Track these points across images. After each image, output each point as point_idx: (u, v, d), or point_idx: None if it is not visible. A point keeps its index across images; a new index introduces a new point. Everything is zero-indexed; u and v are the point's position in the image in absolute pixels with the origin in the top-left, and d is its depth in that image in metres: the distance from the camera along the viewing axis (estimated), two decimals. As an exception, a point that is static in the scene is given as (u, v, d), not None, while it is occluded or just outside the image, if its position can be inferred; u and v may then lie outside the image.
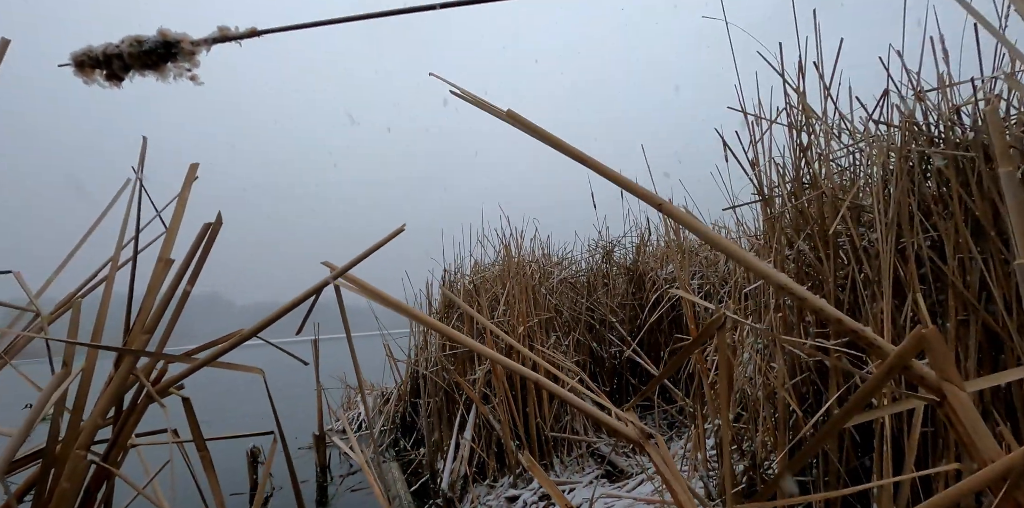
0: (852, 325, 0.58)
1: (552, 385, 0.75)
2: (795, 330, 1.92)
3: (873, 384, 0.56)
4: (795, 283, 0.63)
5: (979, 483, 0.49)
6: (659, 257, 3.94)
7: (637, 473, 2.76)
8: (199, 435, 0.83)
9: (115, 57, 0.74)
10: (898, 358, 0.54)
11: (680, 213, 0.73)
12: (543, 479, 0.81)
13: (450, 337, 0.80)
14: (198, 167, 0.99)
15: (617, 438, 0.70)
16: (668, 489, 0.65)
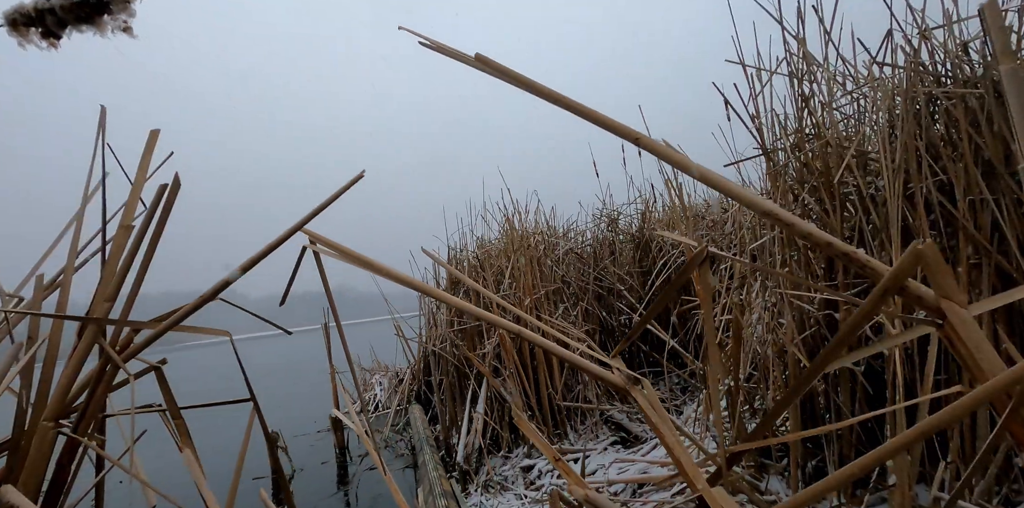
0: (843, 248, 0.54)
1: (534, 336, 0.72)
2: (802, 285, 1.88)
3: (868, 306, 0.52)
4: (781, 209, 0.59)
5: (983, 397, 0.45)
6: (665, 223, 3.88)
7: (651, 438, 2.75)
8: (173, 404, 0.81)
9: (48, 12, 0.71)
10: (894, 278, 0.50)
11: (658, 146, 0.68)
12: (530, 432, 0.79)
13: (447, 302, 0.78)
14: (159, 134, 0.96)
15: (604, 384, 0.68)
16: (655, 432, 0.62)
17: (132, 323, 0.78)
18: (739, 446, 0.65)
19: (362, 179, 1.05)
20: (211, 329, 0.84)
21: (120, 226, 0.86)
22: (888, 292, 0.51)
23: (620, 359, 0.69)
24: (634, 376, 0.67)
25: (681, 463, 0.58)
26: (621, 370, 0.67)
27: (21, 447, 0.78)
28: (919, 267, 0.51)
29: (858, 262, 0.54)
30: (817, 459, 1.92)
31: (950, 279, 0.50)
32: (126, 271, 0.79)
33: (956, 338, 0.49)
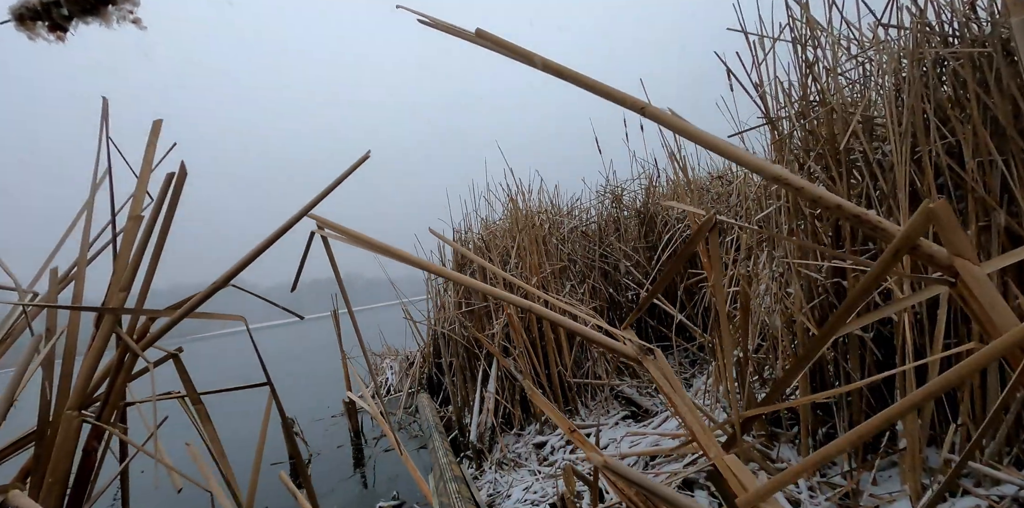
0: (853, 210, 0.54)
1: (545, 310, 0.72)
2: (810, 254, 1.87)
3: (880, 267, 0.52)
4: (790, 173, 0.58)
5: (997, 352, 0.45)
6: (669, 197, 3.85)
7: (662, 411, 2.78)
8: (193, 389, 0.82)
9: (53, 5, 0.70)
10: (905, 238, 0.50)
11: (664, 115, 0.67)
12: (544, 405, 0.80)
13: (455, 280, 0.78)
14: (162, 123, 0.95)
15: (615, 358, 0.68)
16: (668, 402, 0.63)
17: (148, 311, 0.78)
18: (752, 411, 0.65)
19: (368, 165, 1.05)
20: (225, 315, 0.85)
21: (129, 218, 0.86)
22: (900, 252, 0.51)
23: (631, 330, 0.69)
24: (646, 346, 0.67)
25: (695, 431, 0.59)
26: (632, 341, 0.67)
27: (47, 437, 0.79)
28: (930, 226, 0.51)
29: (869, 223, 0.53)
30: (827, 426, 1.94)
31: (962, 237, 0.50)
32: (139, 261, 0.79)
33: (969, 295, 0.49)
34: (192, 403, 0.81)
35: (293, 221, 0.77)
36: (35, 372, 0.74)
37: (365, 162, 1.02)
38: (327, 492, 2.96)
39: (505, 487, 2.51)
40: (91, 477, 0.87)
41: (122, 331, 0.78)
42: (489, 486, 2.57)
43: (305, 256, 1.11)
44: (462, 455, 3.09)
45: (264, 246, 0.77)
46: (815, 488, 1.76)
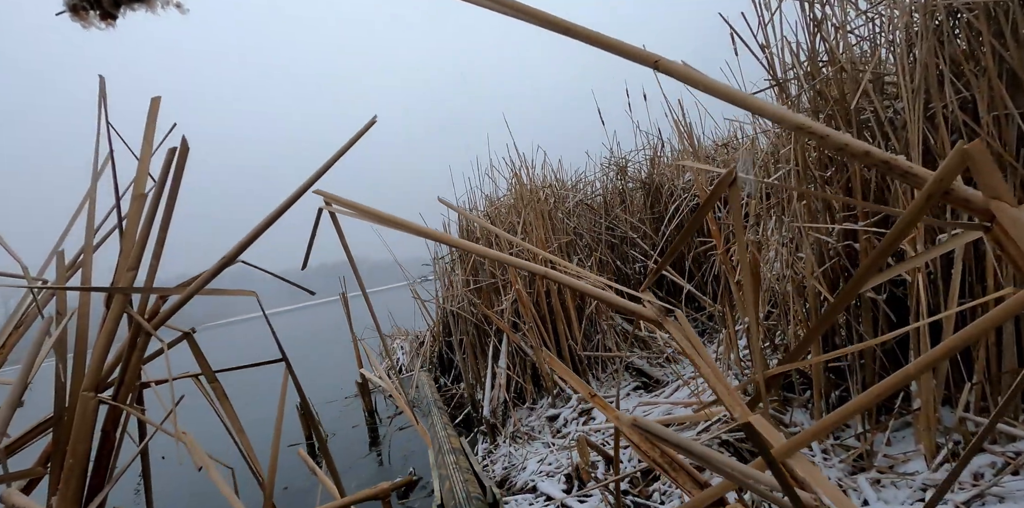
0: (881, 155, 0.51)
1: (561, 276, 0.71)
2: (821, 217, 1.85)
3: (912, 214, 0.50)
4: (813, 121, 0.56)
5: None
6: (674, 166, 3.81)
7: (673, 381, 2.80)
8: (208, 368, 0.82)
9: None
10: (938, 181, 0.48)
11: (679, 67, 0.65)
12: (563, 371, 0.79)
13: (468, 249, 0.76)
14: (160, 100, 0.93)
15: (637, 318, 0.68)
16: (692, 363, 0.62)
17: (158, 290, 0.77)
18: (777, 368, 0.65)
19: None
20: (236, 291, 0.84)
21: (133, 197, 0.84)
22: (933, 197, 0.49)
23: (649, 293, 0.68)
24: (666, 307, 0.66)
25: (719, 391, 0.58)
26: (652, 303, 0.66)
27: (64, 419, 0.79)
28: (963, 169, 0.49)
29: (899, 169, 0.51)
30: (840, 389, 1.94)
31: (999, 178, 0.48)
32: (145, 238, 0.78)
33: (1006, 238, 0.47)
34: (208, 381, 0.81)
35: (299, 193, 0.75)
36: (47, 355, 0.74)
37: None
38: (344, 470, 3.00)
39: (520, 460, 2.54)
40: (110, 457, 0.87)
41: (133, 311, 0.77)
42: (504, 459, 2.60)
43: (314, 232, 1.09)
44: (476, 430, 3.13)
45: (270, 220, 0.76)
46: (829, 451, 1.77)
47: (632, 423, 0.40)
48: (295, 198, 0.75)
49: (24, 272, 0.99)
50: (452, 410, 3.69)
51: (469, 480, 0.46)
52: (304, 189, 0.75)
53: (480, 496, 0.39)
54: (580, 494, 2.16)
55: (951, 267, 1.56)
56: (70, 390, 0.79)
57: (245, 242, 0.75)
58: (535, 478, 2.33)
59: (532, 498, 2.21)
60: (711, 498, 0.53)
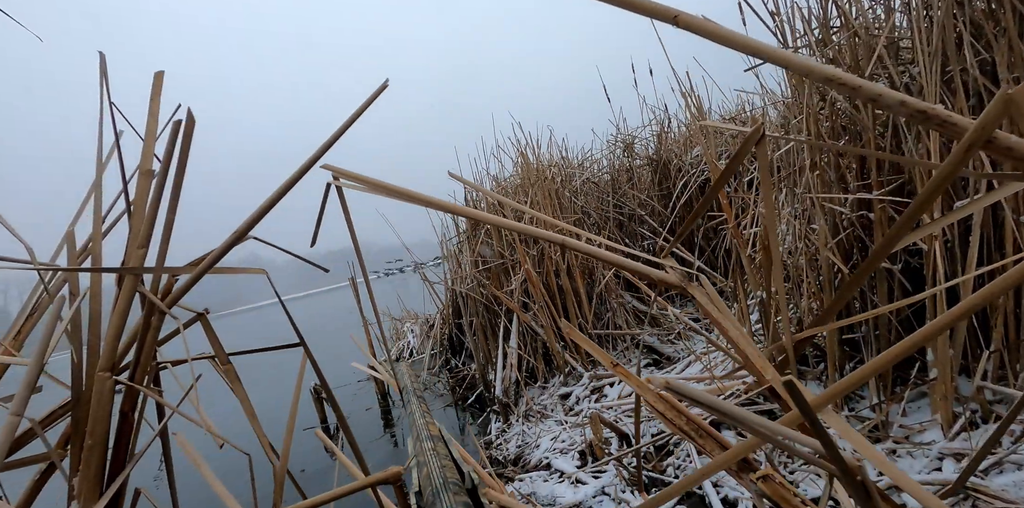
0: (918, 105, 0.49)
1: (580, 244, 0.69)
2: (834, 188, 1.81)
3: (950, 167, 0.48)
4: (843, 72, 0.54)
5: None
6: (682, 142, 3.75)
7: (684, 357, 2.80)
8: (221, 350, 0.82)
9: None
10: (980, 130, 0.45)
11: (699, 22, 0.62)
12: (584, 342, 0.78)
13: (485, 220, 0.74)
14: (163, 75, 0.90)
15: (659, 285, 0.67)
16: (717, 327, 0.60)
17: (169, 269, 0.76)
18: (806, 331, 0.63)
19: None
20: (247, 268, 0.83)
21: (140, 174, 0.83)
22: (973, 146, 0.47)
23: (671, 259, 0.66)
24: (690, 272, 0.64)
25: (748, 354, 0.57)
26: (675, 268, 0.64)
27: (82, 401, 0.79)
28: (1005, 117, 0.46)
29: (937, 118, 0.49)
30: (855, 361, 1.93)
31: (1039, 126, 0.45)
32: (154, 216, 0.77)
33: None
34: (221, 364, 0.81)
35: (311, 162, 0.74)
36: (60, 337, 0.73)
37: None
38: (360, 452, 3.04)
39: (533, 438, 2.56)
40: (130, 438, 0.87)
41: (146, 289, 0.77)
42: (517, 437, 2.62)
43: (323, 207, 1.07)
44: (489, 409, 3.15)
45: (280, 193, 0.74)
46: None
47: (665, 386, 0.39)
48: (306, 169, 0.74)
49: (31, 256, 0.98)
50: (464, 391, 3.71)
51: (447, 466, 0.46)
52: (316, 158, 0.73)
53: (458, 481, 0.39)
54: (594, 469, 2.18)
55: (968, 235, 1.54)
56: (86, 372, 0.79)
57: (256, 216, 0.73)
58: (549, 455, 2.35)
59: (547, 475, 2.23)
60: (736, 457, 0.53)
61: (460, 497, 0.34)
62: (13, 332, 0.94)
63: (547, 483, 2.15)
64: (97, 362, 0.80)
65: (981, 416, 1.57)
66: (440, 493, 0.36)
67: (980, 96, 1.57)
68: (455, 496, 0.35)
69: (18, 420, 0.58)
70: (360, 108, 0.73)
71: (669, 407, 0.59)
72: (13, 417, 0.58)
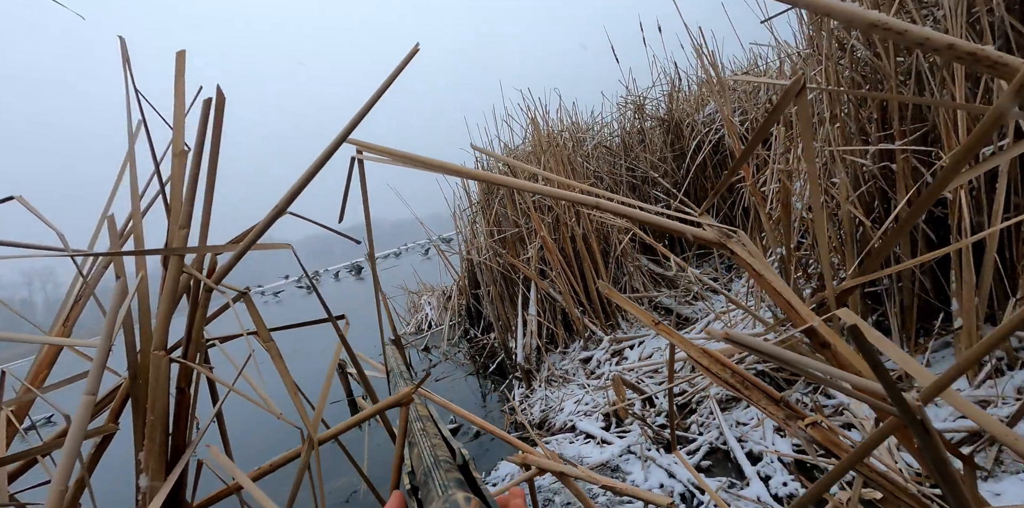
0: (967, 47, 0.48)
1: (613, 205, 0.69)
2: (855, 139, 1.78)
3: (1003, 107, 0.47)
4: (889, 17, 0.52)
5: None
6: (693, 101, 3.68)
7: (702, 317, 2.82)
8: (263, 326, 0.84)
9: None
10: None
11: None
12: (622, 300, 0.79)
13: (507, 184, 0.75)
14: (185, 54, 0.90)
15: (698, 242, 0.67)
16: (757, 281, 0.61)
17: (211, 248, 0.78)
18: (851, 281, 0.64)
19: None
20: (278, 244, 0.84)
21: (174, 156, 0.84)
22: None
23: (708, 215, 0.66)
24: (727, 229, 0.65)
25: (793, 303, 0.58)
26: (712, 225, 0.65)
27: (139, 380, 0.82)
28: None
29: (987, 60, 0.48)
30: (877, 314, 1.94)
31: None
32: (192, 197, 0.78)
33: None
34: (263, 341, 0.83)
35: (341, 138, 0.74)
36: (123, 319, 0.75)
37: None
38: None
39: (556, 402, 2.62)
40: (188, 413, 0.90)
41: (191, 268, 0.78)
42: (541, 402, 2.68)
43: (349, 180, 1.08)
44: (511, 376, 3.21)
45: (314, 170, 0.75)
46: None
47: (725, 337, 0.40)
48: (339, 142, 0.74)
49: (63, 243, 1.00)
50: (485, 360, 3.78)
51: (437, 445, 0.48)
52: (348, 131, 0.73)
53: (448, 459, 0.41)
54: (619, 430, 2.24)
55: (995, 181, 1.52)
56: (140, 352, 0.81)
57: (294, 191, 0.74)
58: (573, 418, 2.41)
59: (572, 437, 2.29)
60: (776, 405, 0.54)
61: (452, 474, 0.36)
62: (61, 319, 0.97)
63: (573, 444, 2.21)
64: (150, 341, 0.82)
65: (1007, 363, 1.58)
66: (432, 471, 0.38)
67: (1007, 37, 1.52)
68: (447, 473, 0.36)
69: (93, 399, 0.61)
70: (391, 75, 0.72)
71: (713, 361, 0.61)
72: (88, 396, 0.61)
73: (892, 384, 0.38)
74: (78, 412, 0.59)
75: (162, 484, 0.63)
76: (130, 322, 0.84)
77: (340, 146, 0.72)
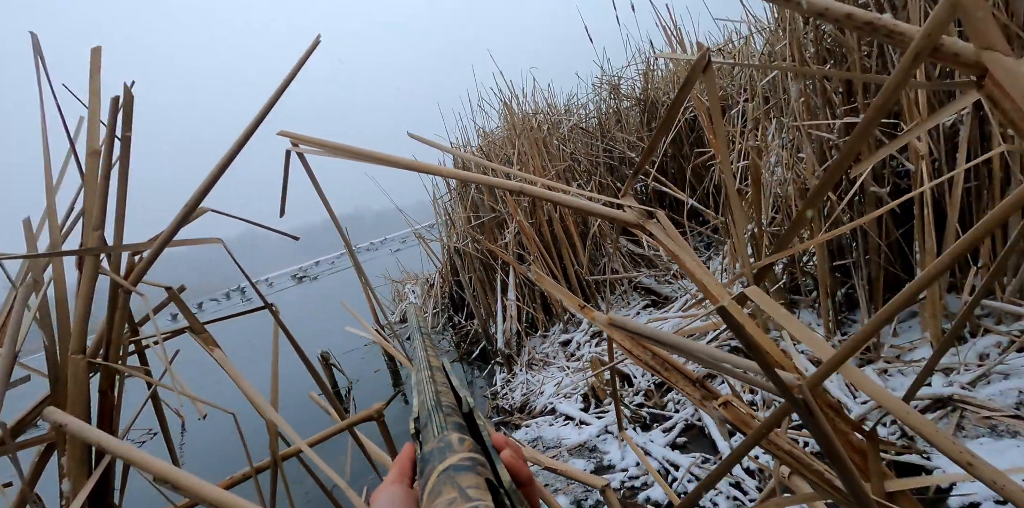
0: (864, 16, 0.46)
1: (537, 190, 0.68)
2: (821, 114, 1.77)
3: (899, 76, 0.45)
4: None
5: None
6: (669, 80, 3.63)
7: (681, 296, 2.82)
8: (194, 318, 0.82)
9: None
10: (926, 36, 0.43)
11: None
12: (553, 286, 0.79)
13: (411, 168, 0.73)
14: (101, 50, 0.87)
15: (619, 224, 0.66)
16: (676, 261, 0.60)
17: (127, 247, 0.76)
18: (767, 259, 0.63)
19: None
20: (204, 239, 0.82)
21: (87, 154, 0.81)
22: (920, 55, 0.44)
23: (630, 197, 0.65)
24: (646, 210, 0.63)
25: (706, 283, 0.57)
26: (632, 207, 0.64)
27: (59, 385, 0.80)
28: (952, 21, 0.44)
29: (884, 29, 0.46)
30: (846, 287, 1.95)
31: (992, 27, 0.43)
32: (105, 196, 0.75)
33: (1000, 93, 0.43)
34: (197, 333, 0.81)
35: (253, 127, 0.71)
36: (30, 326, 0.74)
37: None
38: (373, 410, 3.12)
39: (537, 385, 2.63)
40: (111, 417, 0.88)
41: (107, 269, 0.76)
42: (522, 386, 2.69)
43: (286, 175, 1.06)
44: (492, 362, 3.22)
45: (228, 159, 0.72)
46: (836, 346, 1.80)
47: (608, 322, 0.40)
48: (247, 136, 0.72)
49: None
50: (468, 346, 3.78)
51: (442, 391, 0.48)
52: (255, 125, 0.71)
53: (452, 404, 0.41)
54: (598, 411, 2.25)
55: (956, 152, 1.51)
56: (59, 355, 0.80)
57: (205, 186, 0.72)
58: (553, 401, 2.42)
59: (552, 419, 2.30)
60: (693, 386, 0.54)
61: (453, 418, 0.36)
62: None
63: (552, 427, 2.23)
64: (68, 345, 0.81)
65: (969, 331, 1.59)
66: (433, 413, 0.38)
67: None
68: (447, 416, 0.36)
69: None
70: (293, 70, 0.70)
71: (635, 344, 0.60)
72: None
73: (767, 365, 0.37)
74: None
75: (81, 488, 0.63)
76: (49, 327, 0.82)
77: (250, 138, 0.70)
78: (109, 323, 0.76)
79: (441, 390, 0.52)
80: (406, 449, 0.46)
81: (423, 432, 0.47)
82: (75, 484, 0.64)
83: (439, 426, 0.46)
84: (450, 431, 0.44)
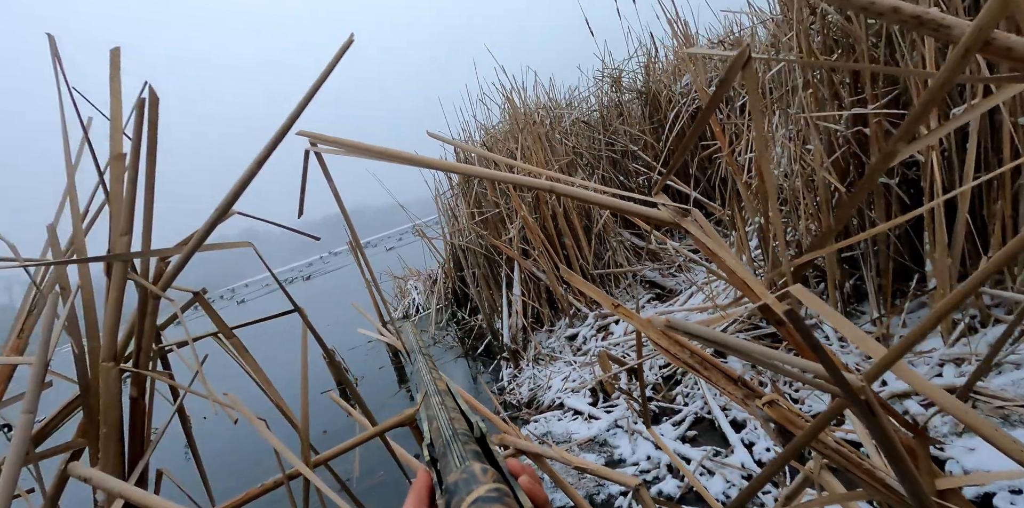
0: (912, 10, 0.46)
1: (568, 188, 0.67)
2: (828, 105, 1.76)
3: (948, 73, 0.45)
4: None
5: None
6: (670, 72, 3.62)
7: (686, 289, 2.83)
8: (223, 324, 0.82)
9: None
10: (977, 31, 0.43)
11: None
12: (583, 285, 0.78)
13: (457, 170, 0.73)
14: (120, 51, 0.85)
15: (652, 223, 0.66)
16: (714, 259, 0.60)
17: (156, 252, 0.75)
18: (805, 256, 0.63)
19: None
20: (235, 243, 0.82)
21: (112, 158, 0.80)
22: (971, 50, 0.44)
23: (663, 195, 0.65)
24: (682, 208, 0.63)
25: (747, 281, 0.56)
26: (667, 205, 0.63)
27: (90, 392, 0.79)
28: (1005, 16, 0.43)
29: (932, 23, 0.46)
30: (855, 278, 1.95)
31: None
32: (132, 201, 0.74)
33: (1051, 88, 0.43)
34: (226, 338, 0.81)
35: (283, 131, 0.71)
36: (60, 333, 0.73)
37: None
38: (378, 408, 3.12)
39: (544, 380, 2.63)
40: (144, 423, 0.88)
41: (136, 275, 0.76)
42: (529, 381, 2.70)
43: (305, 175, 1.05)
44: (498, 357, 3.22)
45: (257, 165, 0.72)
46: (845, 339, 1.81)
47: (666, 325, 0.39)
48: (281, 136, 0.71)
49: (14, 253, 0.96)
50: (473, 342, 3.79)
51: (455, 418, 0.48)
52: (289, 124, 0.70)
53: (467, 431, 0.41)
54: (607, 405, 2.26)
55: (966, 142, 1.51)
56: (89, 363, 0.79)
57: (237, 189, 0.71)
58: (561, 395, 2.43)
59: (560, 414, 2.31)
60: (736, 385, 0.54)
61: (470, 446, 0.36)
62: (16, 331, 0.94)
63: (561, 422, 2.23)
64: (98, 353, 0.80)
65: (980, 321, 1.60)
66: (450, 443, 0.38)
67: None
68: (465, 445, 0.36)
69: (31, 417, 0.59)
70: (327, 67, 0.69)
71: (672, 342, 0.60)
72: (26, 415, 0.59)
73: (833, 366, 0.37)
74: (16, 433, 0.57)
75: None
76: (78, 334, 0.82)
77: (284, 138, 0.69)
78: (139, 330, 0.76)
79: (454, 416, 0.53)
80: (421, 476, 0.46)
81: (440, 461, 0.48)
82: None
83: (459, 456, 0.47)
84: (472, 461, 0.44)
